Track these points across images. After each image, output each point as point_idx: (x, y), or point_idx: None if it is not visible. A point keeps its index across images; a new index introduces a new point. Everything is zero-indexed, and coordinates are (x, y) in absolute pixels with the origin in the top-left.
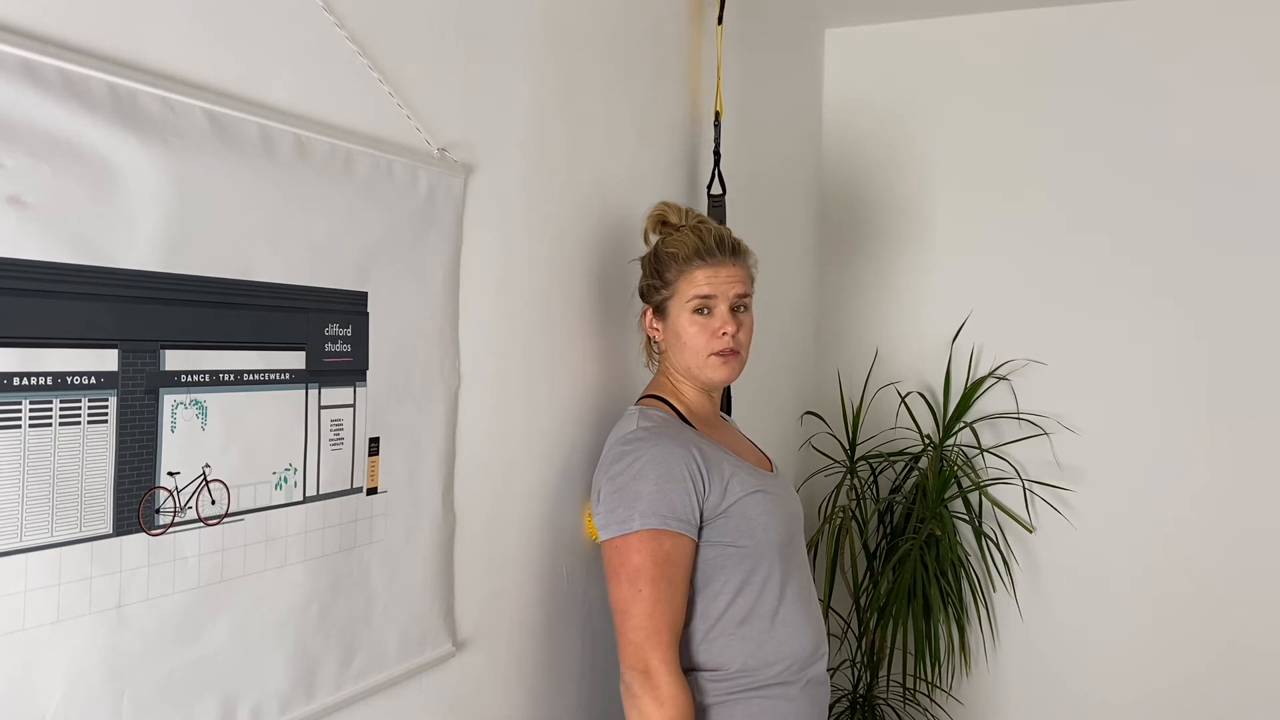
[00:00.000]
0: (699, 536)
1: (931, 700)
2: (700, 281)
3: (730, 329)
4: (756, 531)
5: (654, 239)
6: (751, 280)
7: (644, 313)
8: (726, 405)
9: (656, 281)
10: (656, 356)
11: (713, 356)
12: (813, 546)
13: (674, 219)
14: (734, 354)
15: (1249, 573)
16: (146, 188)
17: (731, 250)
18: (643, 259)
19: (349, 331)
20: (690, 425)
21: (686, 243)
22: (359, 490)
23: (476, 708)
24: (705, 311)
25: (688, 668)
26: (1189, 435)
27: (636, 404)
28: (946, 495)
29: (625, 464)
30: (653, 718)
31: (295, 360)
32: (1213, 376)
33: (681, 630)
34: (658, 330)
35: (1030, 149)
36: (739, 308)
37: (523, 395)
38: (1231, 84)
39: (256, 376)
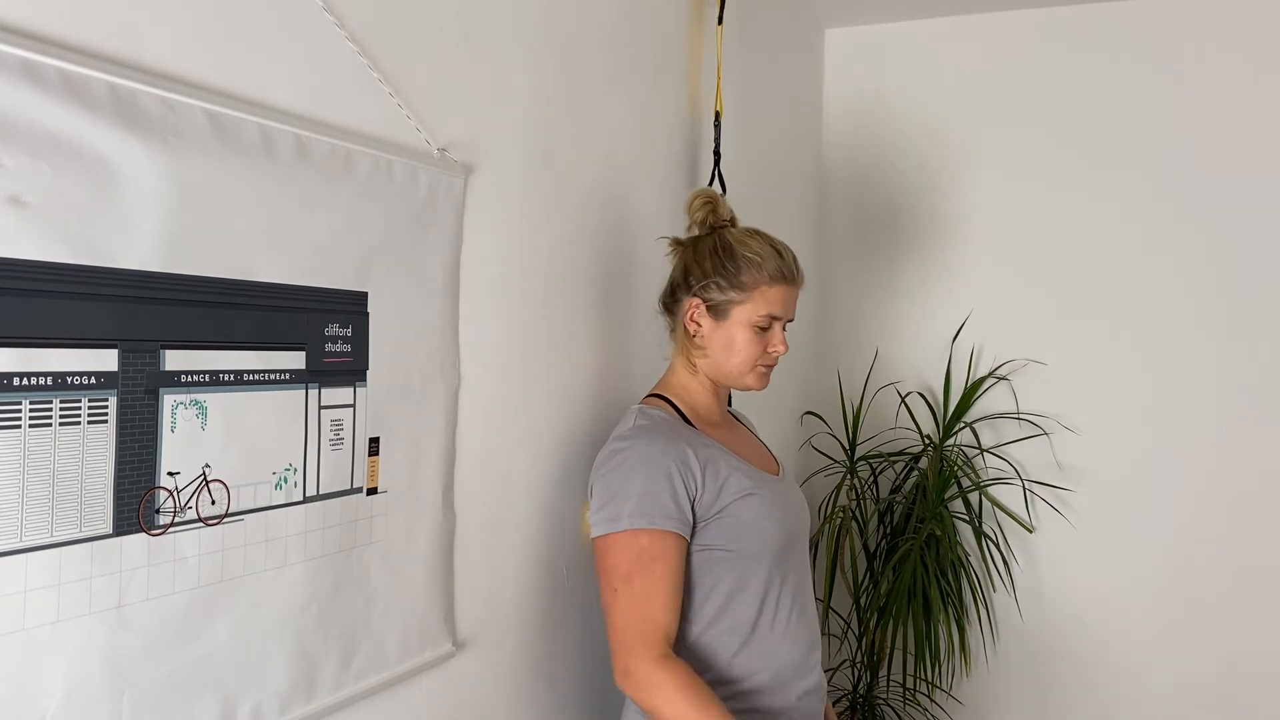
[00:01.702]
0: (692, 535)
1: (931, 700)
2: (777, 302)
3: (783, 349)
4: (749, 536)
5: (704, 226)
6: None
7: (690, 305)
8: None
9: (722, 280)
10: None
11: (759, 367)
12: (813, 546)
13: (722, 210)
14: (772, 368)
15: (1250, 573)
16: (146, 188)
17: (803, 276)
18: (696, 245)
19: (349, 331)
20: (690, 425)
21: (769, 254)
22: (359, 490)
23: (476, 708)
24: (766, 328)
25: None
26: (1189, 435)
27: (640, 403)
28: (946, 495)
29: (616, 462)
30: (648, 702)
31: (295, 360)
32: (1213, 376)
33: (666, 624)
34: (700, 325)
35: (1030, 149)
36: (784, 329)
37: (523, 395)
38: (1232, 84)
39: (256, 376)
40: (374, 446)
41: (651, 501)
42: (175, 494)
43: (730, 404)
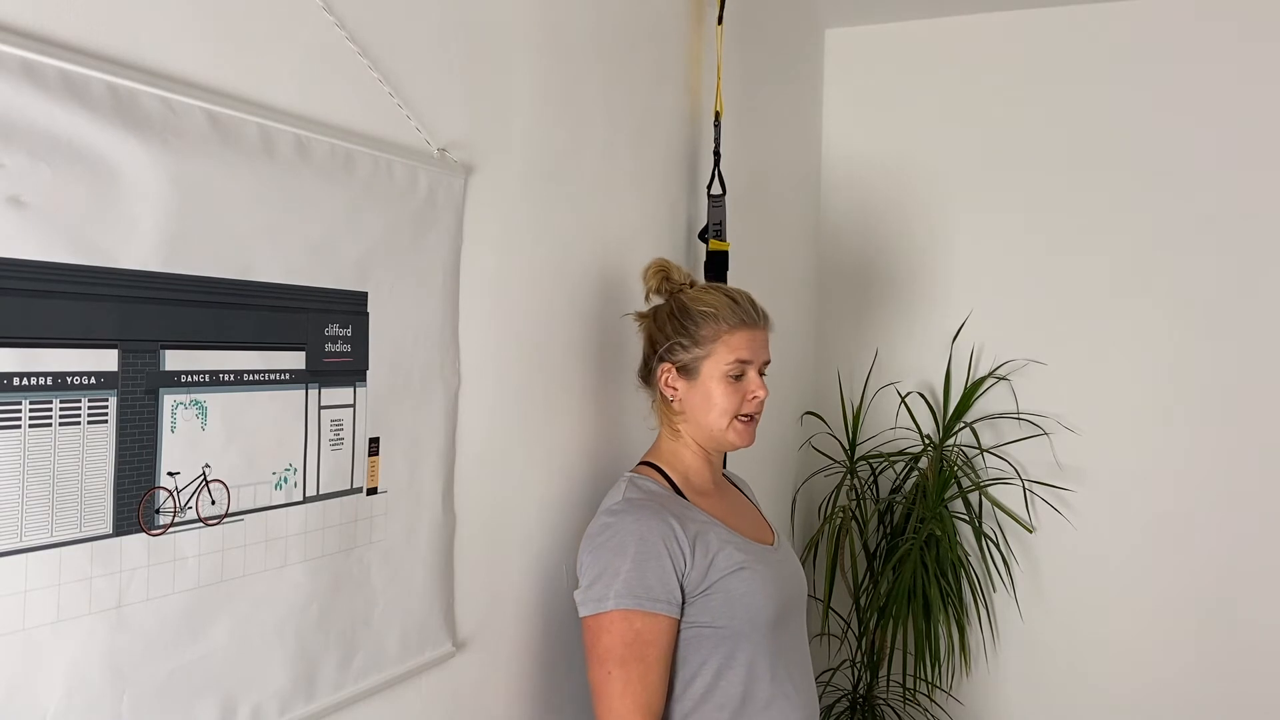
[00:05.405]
0: (682, 613)
1: (931, 700)
2: (742, 346)
3: (762, 393)
4: (738, 612)
5: (660, 293)
6: None
7: (663, 371)
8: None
9: (685, 340)
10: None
11: (737, 421)
12: (813, 546)
13: (676, 276)
14: (754, 420)
15: (1248, 572)
16: (146, 188)
17: (764, 317)
18: (655, 313)
19: (349, 331)
20: (681, 496)
21: (722, 304)
22: (359, 490)
23: (476, 708)
24: (739, 376)
25: None
26: (1189, 435)
27: (630, 471)
28: (946, 495)
29: (605, 537)
30: None
31: (295, 360)
32: (1212, 376)
33: (658, 711)
34: (675, 390)
35: (1030, 148)
36: (763, 374)
37: (522, 395)
38: (1232, 85)
39: (256, 376)
40: (374, 446)
41: (639, 582)
42: (175, 494)
43: (725, 465)
